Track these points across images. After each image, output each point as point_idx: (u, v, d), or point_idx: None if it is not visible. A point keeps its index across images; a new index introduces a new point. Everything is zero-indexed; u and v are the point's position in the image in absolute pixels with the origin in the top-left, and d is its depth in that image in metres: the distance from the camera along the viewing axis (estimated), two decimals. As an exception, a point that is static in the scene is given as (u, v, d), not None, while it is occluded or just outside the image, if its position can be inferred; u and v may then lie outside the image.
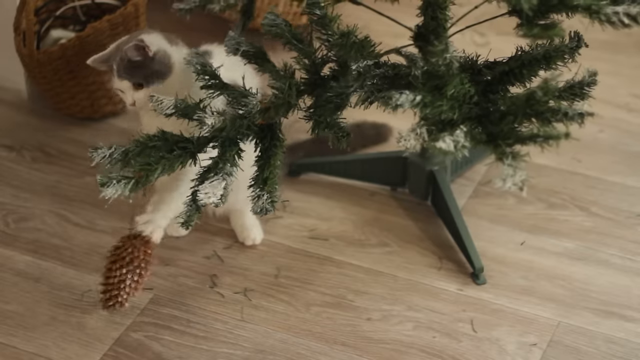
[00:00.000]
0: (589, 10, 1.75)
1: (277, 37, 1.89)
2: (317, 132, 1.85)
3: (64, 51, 2.44)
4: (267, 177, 1.85)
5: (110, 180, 1.79)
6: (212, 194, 1.81)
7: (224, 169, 1.83)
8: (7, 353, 2.02)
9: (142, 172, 1.80)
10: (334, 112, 1.85)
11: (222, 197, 1.82)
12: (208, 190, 1.81)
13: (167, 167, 1.82)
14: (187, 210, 1.84)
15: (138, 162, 1.80)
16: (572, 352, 2.03)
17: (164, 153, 1.82)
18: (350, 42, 1.81)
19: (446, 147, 1.73)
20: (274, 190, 1.85)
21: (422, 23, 1.88)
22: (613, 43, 2.75)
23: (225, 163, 1.83)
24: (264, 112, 1.85)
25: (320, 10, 1.83)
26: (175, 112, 1.86)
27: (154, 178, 1.81)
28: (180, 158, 1.83)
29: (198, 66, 1.91)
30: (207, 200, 1.81)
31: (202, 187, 1.81)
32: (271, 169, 1.86)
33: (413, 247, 2.25)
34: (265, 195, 1.85)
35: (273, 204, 1.85)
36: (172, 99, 1.87)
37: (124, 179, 1.79)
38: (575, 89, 1.79)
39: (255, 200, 1.85)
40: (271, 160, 1.86)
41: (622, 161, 2.46)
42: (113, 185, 1.79)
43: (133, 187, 1.79)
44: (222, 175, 1.82)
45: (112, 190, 1.79)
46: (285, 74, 1.87)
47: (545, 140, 1.73)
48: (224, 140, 1.84)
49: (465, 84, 1.79)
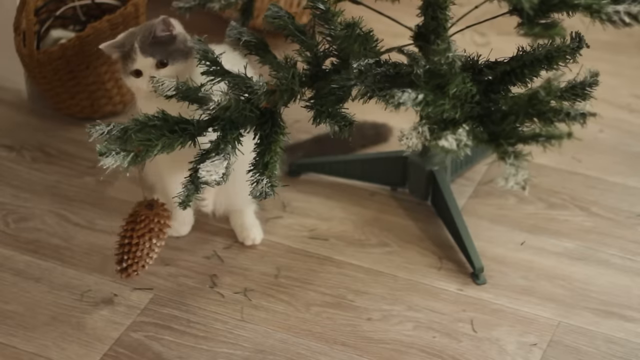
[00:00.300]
0: (590, 10, 1.75)
1: (280, 28, 1.89)
2: (319, 121, 1.84)
3: (64, 51, 2.44)
4: (267, 162, 1.84)
5: (110, 151, 1.77)
6: (214, 172, 1.80)
7: (225, 150, 1.82)
8: (7, 353, 2.02)
9: (142, 147, 1.78)
10: (336, 103, 1.85)
11: (224, 176, 1.81)
12: (210, 168, 1.80)
13: (166, 145, 1.80)
14: (185, 189, 1.83)
15: (138, 137, 1.79)
16: (572, 352, 2.02)
17: (165, 131, 1.81)
18: (355, 34, 1.81)
19: (449, 145, 1.73)
20: (274, 175, 1.84)
21: (423, 23, 1.88)
22: (614, 43, 2.75)
23: (227, 144, 1.82)
24: (270, 94, 1.84)
25: (323, 5, 1.83)
26: (177, 94, 1.85)
27: (153, 154, 1.80)
28: (180, 138, 1.82)
29: (200, 52, 1.91)
30: (208, 178, 1.79)
31: (203, 165, 1.80)
32: (272, 154, 1.85)
33: (413, 247, 2.25)
34: (265, 180, 1.84)
35: (273, 188, 1.84)
36: (173, 81, 1.86)
37: (123, 150, 1.78)
38: (577, 89, 1.79)
39: (255, 185, 1.84)
40: (272, 146, 1.85)
41: (622, 161, 2.46)
42: (112, 155, 1.77)
43: (132, 160, 1.78)
44: (224, 155, 1.81)
45: (110, 160, 1.77)
46: (287, 66, 1.87)
47: (548, 140, 1.73)
48: (225, 123, 1.84)
49: (467, 83, 1.79)
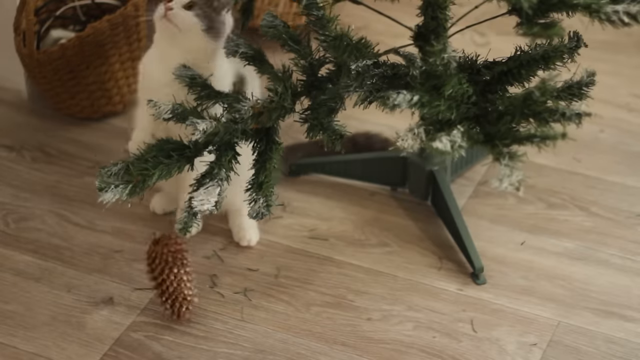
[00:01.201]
0: (589, 9, 1.75)
1: (275, 38, 1.89)
2: (312, 135, 1.85)
3: (64, 51, 2.44)
4: (262, 182, 1.85)
5: (108, 185, 1.79)
6: (207, 201, 1.81)
7: (219, 175, 1.83)
8: (7, 353, 2.02)
9: (140, 177, 1.80)
10: (328, 114, 1.85)
11: (217, 204, 1.82)
12: (202, 197, 1.81)
13: (164, 173, 1.82)
14: (184, 216, 1.84)
15: (136, 167, 1.80)
16: (572, 352, 2.02)
17: (161, 159, 1.82)
18: (344, 45, 1.81)
19: (443, 147, 1.73)
20: (270, 194, 1.85)
21: (422, 23, 1.88)
22: (613, 43, 2.75)
23: (221, 168, 1.83)
24: (257, 116, 1.85)
25: (317, 11, 1.83)
26: (173, 116, 1.87)
27: (151, 183, 1.81)
28: (177, 163, 1.83)
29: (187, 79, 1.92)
30: (201, 208, 1.81)
31: (196, 194, 1.82)
32: (267, 173, 1.86)
33: (413, 247, 2.25)
34: (261, 200, 1.85)
35: (269, 208, 1.85)
36: (169, 103, 1.87)
37: (122, 183, 1.79)
38: (573, 89, 1.79)
39: (252, 204, 1.85)
40: (267, 165, 1.86)
41: (622, 161, 2.46)
42: (111, 190, 1.79)
43: (131, 191, 1.80)
44: (217, 181, 1.82)
45: (110, 195, 1.79)
46: (284, 76, 1.87)
47: (543, 140, 1.73)
48: (219, 145, 1.85)
49: (464, 84, 1.79)
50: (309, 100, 1.89)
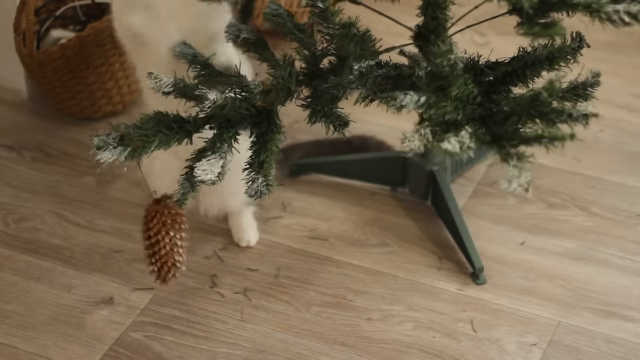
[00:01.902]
0: (590, 9, 1.75)
1: (279, 26, 1.88)
2: (315, 120, 1.84)
3: (64, 51, 2.44)
4: (263, 161, 1.83)
5: (107, 145, 1.77)
6: (210, 171, 1.79)
7: (221, 149, 1.81)
8: (7, 353, 2.02)
9: (139, 142, 1.78)
10: (331, 102, 1.85)
11: (220, 175, 1.80)
12: (206, 167, 1.79)
13: (163, 142, 1.80)
14: (181, 187, 1.82)
15: (136, 132, 1.78)
16: (572, 352, 2.02)
17: (162, 128, 1.81)
18: (351, 34, 1.80)
19: (452, 148, 1.73)
20: (270, 174, 1.84)
21: (422, 23, 1.88)
22: (613, 43, 2.75)
23: (223, 143, 1.82)
24: (266, 93, 1.84)
25: (322, 3, 1.83)
26: (174, 90, 1.85)
27: (150, 150, 1.79)
28: (177, 135, 1.82)
29: (189, 56, 1.90)
30: (204, 177, 1.79)
31: (199, 164, 1.80)
32: (268, 152, 1.84)
33: (413, 247, 2.25)
34: (261, 178, 1.83)
35: (268, 187, 1.84)
36: (171, 77, 1.86)
37: (120, 145, 1.77)
38: (578, 89, 1.79)
39: (250, 183, 1.83)
40: (268, 145, 1.85)
41: (622, 161, 2.46)
42: (110, 150, 1.76)
43: (129, 154, 1.77)
44: (220, 154, 1.81)
45: (107, 154, 1.75)
46: (285, 64, 1.87)
47: (550, 141, 1.73)
48: (221, 121, 1.83)
49: (469, 84, 1.79)
50: (309, 90, 1.88)
